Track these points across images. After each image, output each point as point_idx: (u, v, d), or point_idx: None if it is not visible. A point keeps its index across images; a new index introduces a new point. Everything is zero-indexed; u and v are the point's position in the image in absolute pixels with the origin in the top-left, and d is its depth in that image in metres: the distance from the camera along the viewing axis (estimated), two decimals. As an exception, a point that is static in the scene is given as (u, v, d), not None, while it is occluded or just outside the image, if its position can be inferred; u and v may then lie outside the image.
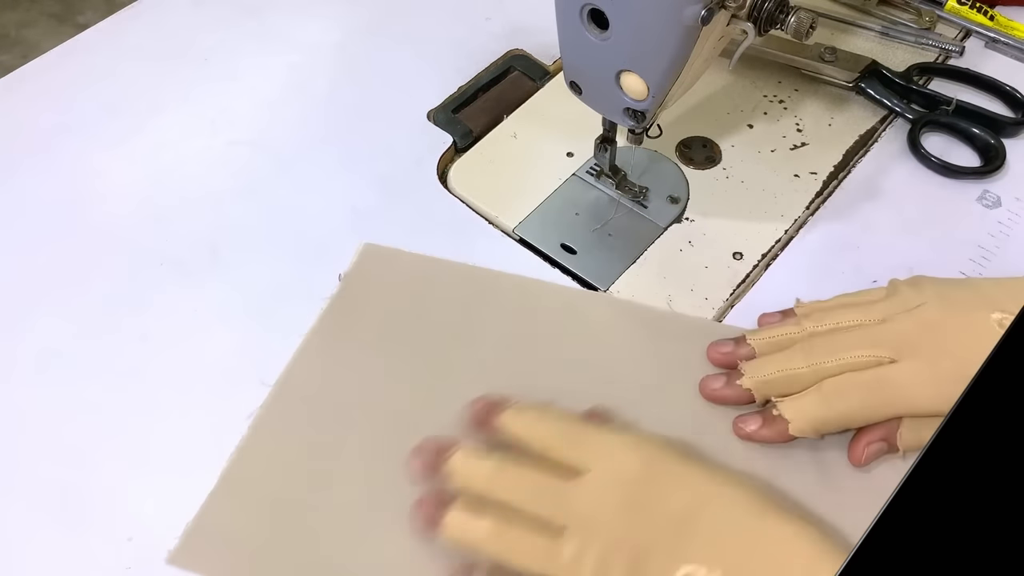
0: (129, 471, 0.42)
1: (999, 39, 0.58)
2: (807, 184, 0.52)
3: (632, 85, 0.41)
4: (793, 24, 0.38)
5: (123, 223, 0.51)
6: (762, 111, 0.56)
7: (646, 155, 0.53)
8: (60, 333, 0.47)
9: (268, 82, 0.59)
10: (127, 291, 0.48)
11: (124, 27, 0.62)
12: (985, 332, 0.39)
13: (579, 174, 0.53)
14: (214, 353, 0.46)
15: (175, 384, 0.45)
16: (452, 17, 0.62)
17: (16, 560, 0.40)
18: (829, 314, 0.42)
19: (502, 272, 0.48)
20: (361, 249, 0.49)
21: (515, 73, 0.59)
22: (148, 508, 0.41)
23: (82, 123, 0.56)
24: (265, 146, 0.55)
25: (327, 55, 0.60)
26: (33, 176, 0.53)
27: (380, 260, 0.49)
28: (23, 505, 0.41)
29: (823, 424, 0.40)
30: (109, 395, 0.44)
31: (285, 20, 0.62)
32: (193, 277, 0.48)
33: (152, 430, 0.43)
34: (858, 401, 0.40)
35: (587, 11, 0.39)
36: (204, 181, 0.53)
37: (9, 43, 1.68)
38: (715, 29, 0.38)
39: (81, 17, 1.71)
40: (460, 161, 0.54)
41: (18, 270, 0.49)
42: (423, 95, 0.57)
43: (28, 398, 0.44)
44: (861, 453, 0.40)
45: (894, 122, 0.55)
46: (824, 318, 0.42)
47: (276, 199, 0.52)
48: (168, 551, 0.39)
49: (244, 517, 0.40)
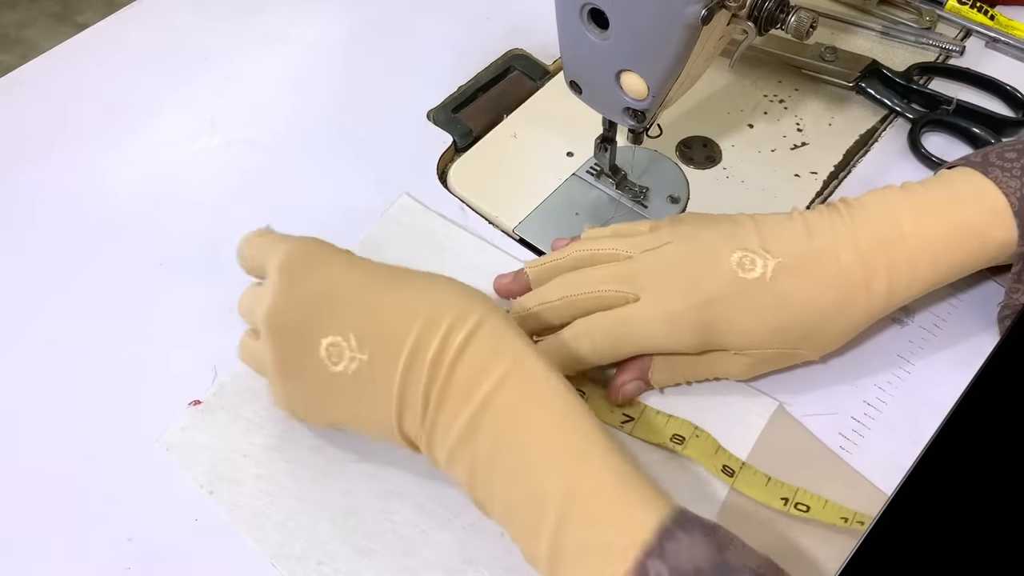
0: (129, 471, 0.42)
1: (999, 39, 0.58)
2: (807, 184, 0.52)
3: (632, 85, 0.41)
4: (793, 24, 0.38)
5: (122, 223, 0.51)
6: (762, 111, 0.56)
7: (646, 155, 0.53)
8: (60, 333, 0.46)
9: (268, 82, 0.59)
10: (127, 291, 0.48)
11: (124, 27, 0.62)
12: (720, 273, 0.40)
13: (579, 174, 0.53)
14: (214, 353, 0.45)
15: (175, 383, 0.44)
16: (452, 17, 0.62)
17: (16, 560, 0.39)
18: (596, 242, 0.44)
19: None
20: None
21: (515, 73, 0.59)
22: (148, 508, 0.41)
23: (82, 123, 0.56)
24: (265, 146, 0.55)
25: (327, 55, 0.60)
26: (33, 176, 0.53)
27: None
28: (23, 505, 0.41)
29: (574, 362, 0.42)
30: (109, 395, 0.44)
31: (285, 20, 0.62)
32: (193, 277, 0.48)
33: (152, 430, 0.43)
34: (600, 340, 0.41)
35: (587, 11, 0.39)
36: (204, 181, 0.53)
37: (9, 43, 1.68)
38: (715, 29, 0.38)
39: (81, 17, 1.71)
40: (460, 161, 0.54)
41: (18, 270, 0.49)
42: (423, 95, 0.57)
43: (28, 398, 0.44)
44: (617, 391, 0.43)
45: (894, 122, 0.55)
46: (589, 245, 0.44)
47: (276, 199, 0.52)
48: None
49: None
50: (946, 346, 0.45)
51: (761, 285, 0.39)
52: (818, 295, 0.39)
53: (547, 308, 0.42)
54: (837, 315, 0.40)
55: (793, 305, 0.40)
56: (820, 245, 0.40)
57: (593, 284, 0.42)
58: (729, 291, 0.39)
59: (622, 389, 0.43)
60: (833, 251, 0.39)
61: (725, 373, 0.43)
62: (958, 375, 0.43)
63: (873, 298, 0.40)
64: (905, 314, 0.46)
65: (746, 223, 0.41)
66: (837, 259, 0.39)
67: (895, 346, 0.45)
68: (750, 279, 0.39)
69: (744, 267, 0.39)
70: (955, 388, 0.43)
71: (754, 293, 0.39)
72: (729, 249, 0.40)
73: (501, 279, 0.47)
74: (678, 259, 0.41)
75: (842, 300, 0.40)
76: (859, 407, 0.43)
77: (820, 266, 0.39)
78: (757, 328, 0.40)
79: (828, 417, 0.43)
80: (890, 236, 0.40)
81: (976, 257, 0.41)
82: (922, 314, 0.46)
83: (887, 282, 0.40)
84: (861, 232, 0.40)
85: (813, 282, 0.39)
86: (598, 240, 0.44)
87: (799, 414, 0.43)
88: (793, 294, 0.39)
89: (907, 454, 0.41)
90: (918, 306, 0.46)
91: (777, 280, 0.39)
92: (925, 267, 0.40)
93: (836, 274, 0.39)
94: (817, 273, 0.39)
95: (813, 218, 0.41)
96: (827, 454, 0.42)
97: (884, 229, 0.40)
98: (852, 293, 0.39)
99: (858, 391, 0.44)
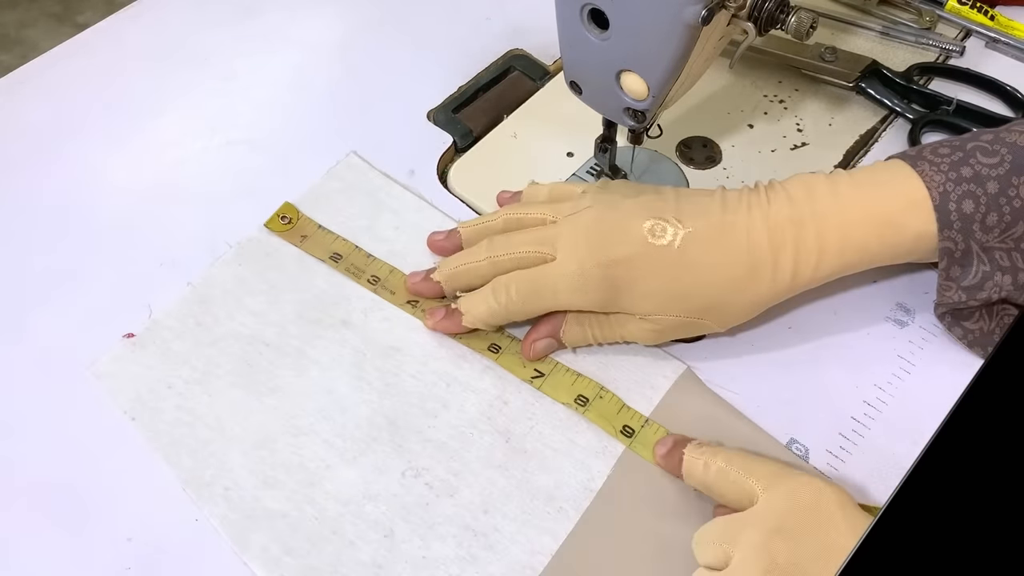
0: (129, 471, 0.42)
1: (999, 39, 0.58)
2: (807, 184, 0.52)
3: (632, 85, 0.41)
4: (793, 24, 0.38)
5: (122, 223, 0.51)
6: (762, 111, 0.56)
7: (646, 155, 0.53)
8: (59, 333, 0.46)
9: (268, 82, 0.59)
10: (126, 291, 0.48)
11: (124, 27, 0.62)
12: (630, 238, 0.41)
13: (579, 174, 0.53)
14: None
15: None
16: (452, 17, 0.62)
17: (16, 560, 0.39)
18: (526, 207, 0.46)
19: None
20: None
21: (515, 73, 0.59)
22: (148, 508, 0.41)
23: (82, 123, 0.56)
24: (265, 146, 0.55)
25: (327, 55, 0.60)
26: (33, 176, 0.53)
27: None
28: (23, 505, 0.41)
29: (491, 316, 0.44)
30: (109, 395, 0.44)
31: (285, 20, 0.62)
32: (192, 277, 0.48)
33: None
34: (516, 295, 0.43)
35: (587, 11, 0.39)
36: (204, 181, 0.53)
37: (9, 43, 1.68)
38: (715, 29, 0.38)
39: (81, 17, 1.71)
40: (460, 161, 0.54)
41: (17, 270, 0.49)
42: (423, 95, 0.57)
43: (27, 398, 0.44)
44: (529, 348, 0.45)
45: (894, 122, 0.55)
46: (520, 210, 0.46)
47: (276, 199, 0.52)
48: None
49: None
50: (946, 346, 0.45)
51: (668, 252, 0.41)
52: (723, 266, 0.41)
53: (473, 267, 0.45)
54: (742, 288, 0.41)
55: (697, 274, 0.41)
56: (732, 219, 0.41)
57: (516, 246, 0.44)
58: (635, 253, 0.41)
59: (533, 346, 0.44)
60: (744, 226, 0.41)
61: (632, 337, 0.44)
62: (958, 375, 0.43)
63: (779, 274, 0.41)
64: (905, 314, 0.46)
65: (667, 194, 0.43)
66: (746, 234, 0.40)
67: (895, 346, 0.45)
68: (658, 245, 0.41)
69: (655, 234, 0.41)
70: (955, 388, 0.43)
71: (660, 258, 0.41)
72: (643, 216, 0.41)
73: (435, 236, 0.49)
74: (593, 222, 0.42)
75: (746, 273, 0.41)
76: (859, 407, 0.43)
77: (728, 239, 0.41)
78: (660, 292, 0.41)
79: (828, 417, 0.43)
80: (801, 216, 0.40)
81: (891, 246, 0.41)
82: (922, 314, 0.46)
83: (792, 260, 0.40)
84: (774, 210, 0.41)
85: (719, 253, 0.41)
86: (529, 205, 0.46)
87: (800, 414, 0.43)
88: (698, 263, 0.41)
89: (907, 454, 0.41)
90: (918, 306, 0.46)
91: (684, 250, 0.41)
92: (834, 249, 0.41)
93: (743, 248, 0.40)
94: (724, 245, 0.41)
95: (732, 195, 0.42)
96: (733, 412, 0.43)
97: (797, 209, 0.41)
98: (757, 268, 0.40)
99: (858, 391, 0.44)
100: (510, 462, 0.42)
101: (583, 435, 0.42)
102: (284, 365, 0.45)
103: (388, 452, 0.42)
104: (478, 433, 0.43)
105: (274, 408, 0.43)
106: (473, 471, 0.41)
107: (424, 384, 0.44)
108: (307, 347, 0.45)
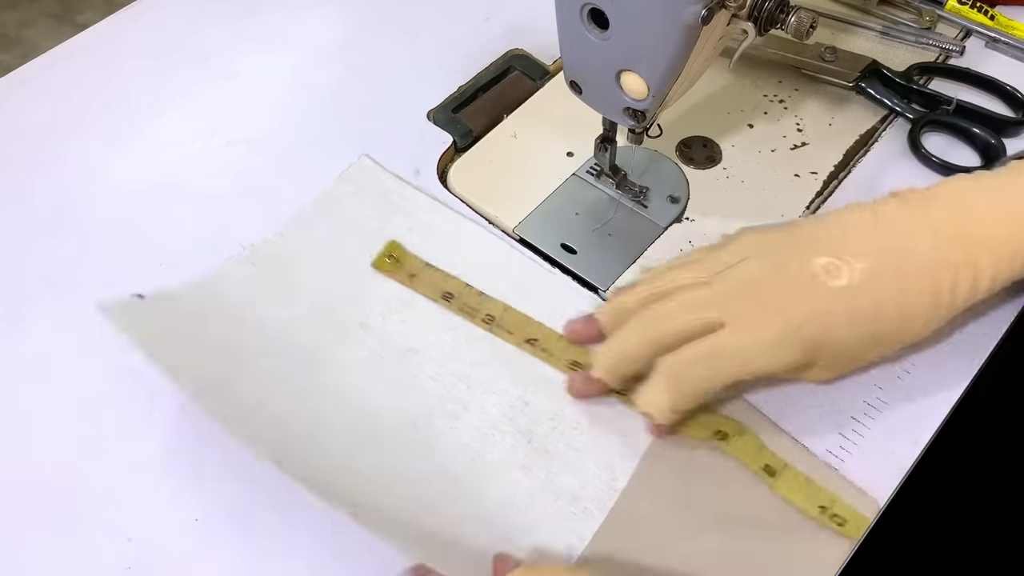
0: (129, 471, 0.42)
1: (999, 39, 0.58)
2: (807, 184, 0.52)
3: (632, 85, 0.41)
4: (793, 24, 0.38)
5: (122, 223, 0.51)
6: (762, 111, 0.56)
7: (646, 155, 0.53)
8: (59, 333, 0.46)
9: (268, 82, 0.59)
10: (126, 291, 0.48)
11: (124, 27, 0.62)
12: (807, 283, 0.38)
13: (579, 174, 0.53)
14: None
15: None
16: (452, 17, 0.62)
17: (16, 560, 0.39)
18: (661, 277, 0.42)
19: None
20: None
21: (515, 73, 0.59)
22: (148, 508, 0.41)
23: (82, 123, 0.56)
24: (265, 146, 0.55)
25: (327, 55, 0.60)
26: (32, 176, 0.53)
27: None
28: (23, 505, 0.41)
29: (678, 406, 0.40)
30: (109, 395, 0.44)
31: (285, 20, 0.62)
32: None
33: (152, 429, 0.43)
34: (699, 377, 0.39)
35: (587, 11, 0.39)
36: (204, 181, 0.53)
37: (9, 43, 1.68)
38: (715, 29, 0.38)
39: (81, 17, 1.71)
40: (460, 161, 0.54)
41: (17, 269, 0.49)
42: (423, 95, 0.57)
43: (28, 398, 0.44)
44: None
45: (894, 122, 0.55)
46: (655, 280, 0.42)
47: (276, 199, 0.52)
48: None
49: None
50: (947, 346, 0.45)
51: (852, 292, 0.38)
52: (907, 294, 0.38)
53: (632, 352, 0.40)
54: (927, 316, 0.39)
55: (884, 309, 0.38)
56: (898, 242, 0.38)
57: (673, 317, 0.40)
58: (823, 302, 0.38)
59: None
60: (913, 248, 0.38)
61: (809, 379, 0.42)
62: (958, 375, 0.43)
63: (956, 297, 0.39)
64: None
65: (817, 225, 0.40)
66: (922, 257, 0.38)
67: (895, 346, 0.45)
68: (838, 287, 0.38)
69: (830, 272, 0.38)
70: (955, 388, 0.43)
71: (848, 301, 0.38)
72: (809, 255, 0.38)
73: (572, 325, 0.44)
74: (759, 275, 0.39)
75: (930, 300, 0.38)
76: (859, 407, 0.43)
77: (906, 266, 0.38)
78: (856, 340, 0.39)
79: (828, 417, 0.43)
80: (967, 231, 0.38)
81: None
82: (922, 314, 0.46)
83: (972, 277, 0.38)
84: (941, 226, 0.38)
85: (900, 282, 0.38)
86: (664, 275, 0.42)
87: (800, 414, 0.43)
88: (883, 300, 0.38)
89: (907, 454, 0.41)
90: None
91: (864, 286, 0.38)
92: (1006, 259, 0.39)
93: (924, 273, 0.38)
94: (903, 272, 0.38)
95: (886, 211, 0.39)
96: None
97: (964, 222, 0.38)
98: (938, 293, 0.38)
99: (858, 391, 0.44)
100: (533, 463, 0.41)
101: (606, 435, 0.42)
102: (300, 367, 0.44)
103: (411, 452, 0.41)
104: (500, 434, 0.42)
105: (289, 412, 0.42)
106: (496, 472, 0.41)
107: (443, 385, 0.44)
108: (324, 350, 0.45)
